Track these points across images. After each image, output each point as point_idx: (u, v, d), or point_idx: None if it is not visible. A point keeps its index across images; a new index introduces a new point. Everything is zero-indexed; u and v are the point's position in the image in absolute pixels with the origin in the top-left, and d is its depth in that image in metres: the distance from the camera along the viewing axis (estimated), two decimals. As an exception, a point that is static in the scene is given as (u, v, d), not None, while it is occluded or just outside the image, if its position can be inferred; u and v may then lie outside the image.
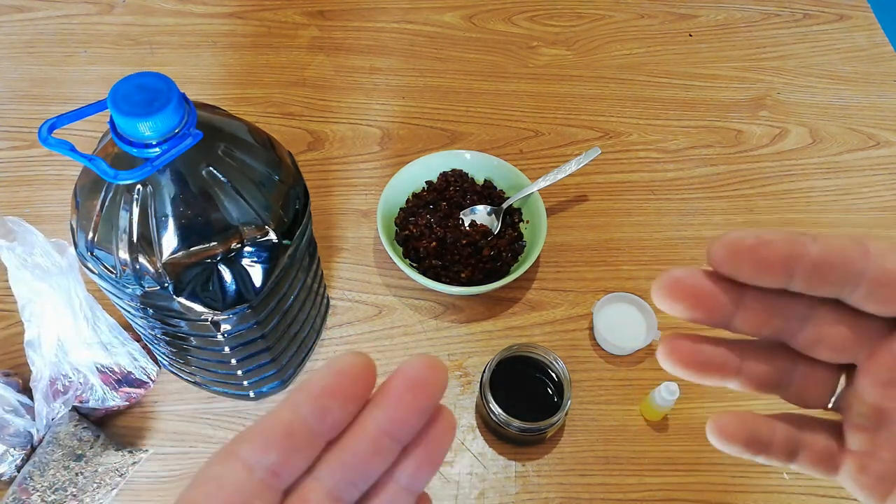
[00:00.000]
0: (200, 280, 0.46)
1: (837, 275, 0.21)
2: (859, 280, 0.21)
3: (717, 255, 0.22)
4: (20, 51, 0.91)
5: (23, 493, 0.56)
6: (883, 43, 0.98)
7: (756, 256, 0.21)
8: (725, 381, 0.24)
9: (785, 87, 0.92)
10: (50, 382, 0.58)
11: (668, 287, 0.23)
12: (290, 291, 0.54)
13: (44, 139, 0.41)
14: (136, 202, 0.43)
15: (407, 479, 0.22)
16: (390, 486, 0.22)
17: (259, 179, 0.47)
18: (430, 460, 0.22)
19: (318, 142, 0.84)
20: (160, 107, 0.39)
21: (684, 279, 0.23)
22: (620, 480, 0.63)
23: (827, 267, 0.21)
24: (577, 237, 0.77)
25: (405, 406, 0.21)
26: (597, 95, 0.90)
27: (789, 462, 0.25)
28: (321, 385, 0.21)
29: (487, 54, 0.94)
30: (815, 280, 0.22)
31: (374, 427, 0.21)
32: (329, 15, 0.97)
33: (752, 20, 1.00)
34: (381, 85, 0.90)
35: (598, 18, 0.99)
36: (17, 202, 0.78)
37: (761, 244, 0.21)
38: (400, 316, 0.71)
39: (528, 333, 0.71)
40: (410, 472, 0.22)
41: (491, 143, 0.85)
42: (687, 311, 0.23)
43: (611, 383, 0.68)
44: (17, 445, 0.58)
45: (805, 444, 0.25)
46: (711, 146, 0.86)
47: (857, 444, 0.24)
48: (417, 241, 0.72)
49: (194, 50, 0.92)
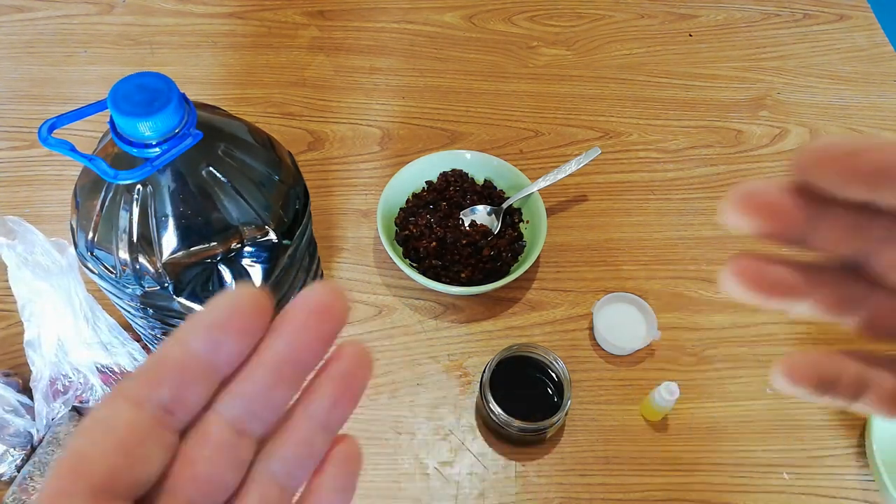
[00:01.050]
0: (200, 280, 0.46)
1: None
2: None
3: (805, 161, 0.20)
4: (20, 51, 0.91)
5: (23, 493, 0.56)
6: (883, 43, 0.98)
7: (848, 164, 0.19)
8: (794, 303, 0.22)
9: (785, 87, 0.92)
10: (50, 382, 0.58)
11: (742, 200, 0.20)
12: (290, 292, 0.54)
13: (44, 139, 0.41)
14: (136, 202, 0.43)
15: (323, 417, 0.21)
16: (304, 422, 0.21)
17: (259, 179, 0.47)
18: (345, 395, 0.21)
19: (318, 142, 0.84)
20: (160, 107, 0.39)
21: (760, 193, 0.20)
22: (620, 480, 0.63)
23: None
24: (577, 237, 0.77)
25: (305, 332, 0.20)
26: (597, 95, 0.90)
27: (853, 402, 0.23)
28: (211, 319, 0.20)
29: (487, 54, 0.94)
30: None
31: (273, 355, 0.20)
32: (329, 15, 0.97)
33: (752, 20, 1.00)
34: (381, 85, 0.90)
35: (598, 18, 0.99)
36: (17, 202, 0.78)
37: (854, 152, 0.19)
38: (400, 316, 0.71)
39: (528, 333, 0.71)
40: (325, 408, 0.21)
41: (491, 143, 0.85)
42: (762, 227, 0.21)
43: (611, 383, 0.68)
44: (17, 445, 0.58)
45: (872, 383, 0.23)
46: (711, 146, 0.86)
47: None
48: (417, 241, 0.72)
49: (194, 50, 0.92)
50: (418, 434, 0.65)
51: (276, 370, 0.20)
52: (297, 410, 0.21)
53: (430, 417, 0.65)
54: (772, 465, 0.64)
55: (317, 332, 0.20)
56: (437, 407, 0.66)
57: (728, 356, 0.69)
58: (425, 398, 0.66)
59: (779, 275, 0.22)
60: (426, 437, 0.64)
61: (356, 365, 0.22)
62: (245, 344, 0.20)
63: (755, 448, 0.65)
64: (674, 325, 0.71)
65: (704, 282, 0.75)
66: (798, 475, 0.63)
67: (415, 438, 0.64)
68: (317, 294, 0.20)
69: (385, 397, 0.66)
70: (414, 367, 0.68)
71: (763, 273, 0.22)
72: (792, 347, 0.70)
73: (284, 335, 0.20)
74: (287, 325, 0.20)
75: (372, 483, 0.62)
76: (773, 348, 0.70)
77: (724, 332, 0.71)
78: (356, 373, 0.22)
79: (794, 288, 0.22)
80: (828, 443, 0.65)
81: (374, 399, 0.66)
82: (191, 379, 0.19)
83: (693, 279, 0.75)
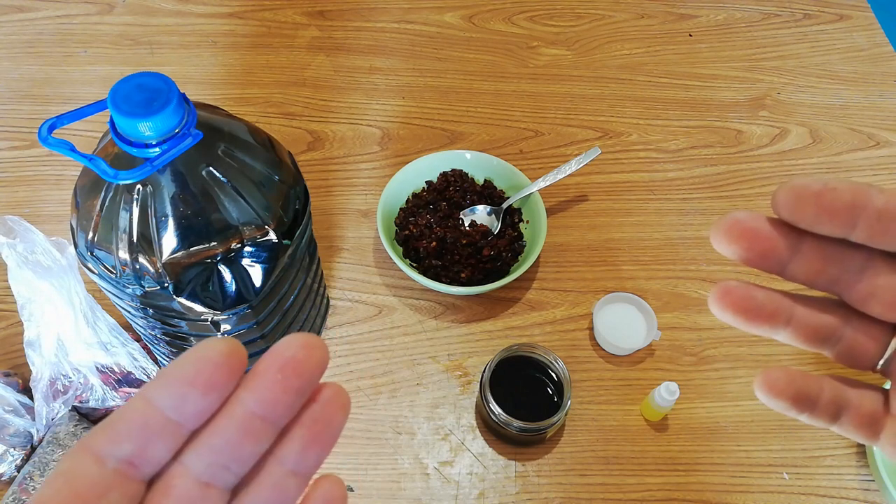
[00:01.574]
0: (200, 280, 0.46)
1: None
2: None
3: (783, 199, 0.22)
4: (20, 51, 0.91)
5: (23, 493, 0.56)
6: (883, 43, 0.98)
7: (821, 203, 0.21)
8: (775, 331, 0.24)
9: (785, 87, 0.92)
10: (50, 382, 0.58)
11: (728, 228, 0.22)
12: (290, 291, 0.54)
13: (44, 139, 0.41)
14: (136, 202, 0.43)
15: (294, 461, 0.21)
16: (273, 468, 0.21)
17: (259, 179, 0.47)
18: (316, 439, 0.21)
19: (318, 142, 0.84)
20: (160, 107, 0.39)
21: (744, 221, 0.22)
22: (620, 480, 0.63)
23: (890, 218, 0.21)
24: (577, 237, 0.77)
25: (275, 386, 0.20)
26: (597, 95, 0.90)
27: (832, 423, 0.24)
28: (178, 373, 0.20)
29: (487, 54, 0.94)
30: (876, 231, 0.21)
31: (242, 409, 0.20)
32: (329, 15, 0.97)
33: (752, 20, 1.00)
34: (381, 85, 0.90)
35: (598, 18, 0.99)
36: (17, 202, 0.78)
37: (827, 191, 0.21)
38: (400, 316, 0.71)
39: (528, 333, 0.71)
40: (296, 452, 0.21)
41: (491, 143, 0.85)
42: (744, 253, 0.22)
43: (611, 383, 0.68)
44: (17, 445, 0.58)
45: (850, 406, 0.24)
46: (711, 146, 0.86)
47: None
48: (417, 241, 0.72)
49: (194, 50, 0.92)
50: (418, 434, 0.65)
51: (245, 425, 0.20)
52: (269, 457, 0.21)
53: (430, 417, 0.65)
54: (771, 465, 0.64)
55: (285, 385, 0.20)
56: (437, 407, 0.66)
57: (728, 356, 0.69)
58: (425, 398, 0.66)
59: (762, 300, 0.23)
60: (426, 437, 0.64)
61: (331, 408, 0.22)
62: (213, 398, 0.20)
63: (755, 448, 0.65)
64: (674, 325, 0.71)
65: (704, 282, 0.75)
66: (798, 475, 0.63)
67: (415, 438, 0.64)
68: (290, 348, 0.21)
69: (385, 397, 0.66)
70: (414, 367, 0.68)
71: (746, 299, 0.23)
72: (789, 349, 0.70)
73: (255, 390, 0.20)
74: (258, 380, 0.20)
75: (372, 483, 0.62)
76: (772, 348, 0.70)
77: (724, 332, 0.71)
78: (330, 417, 0.22)
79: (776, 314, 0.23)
80: (828, 443, 0.65)
81: (374, 399, 0.66)
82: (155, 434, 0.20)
83: (693, 279, 0.75)
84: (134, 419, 0.20)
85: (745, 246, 0.22)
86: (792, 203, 0.22)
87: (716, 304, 0.23)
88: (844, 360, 0.25)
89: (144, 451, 0.20)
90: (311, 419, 0.21)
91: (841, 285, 0.23)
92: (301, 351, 0.21)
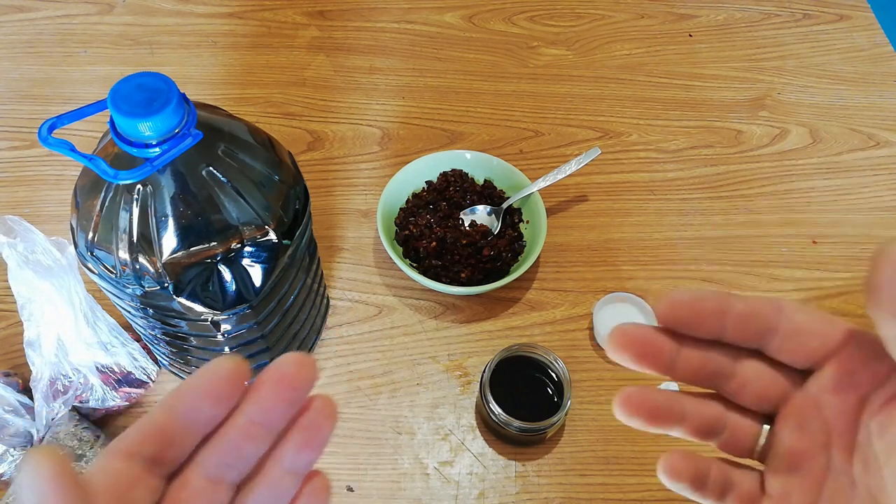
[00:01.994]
0: (200, 280, 0.46)
1: (757, 327, 0.26)
2: (774, 333, 0.26)
3: (662, 308, 0.26)
4: (20, 51, 0.91)
5: (23, 493, 0.56)
6: (883, 43, 0.98)
7: (693, 309, 0.26)
8: (670, 428, 0.27)
9: (785, 87, 0.92)
10: (50, 382, 0.58)
11: (618, 340, 0.26)
12: (290, 291, 0.54)
13: (44, 139, 0.41)
14: (136, 202, 0.43)
15: (290, 461, 0.25)
16: (273, 468, 0.25)
17: (259, 179, 0.47)
18: (308, 442, 0.25)
19: (318, 142, 0.84)
20: (160, 107, 0.39)
21: (631, 332, 0.26)
22: (620, 480, 0.63)
23: (749, 319, 0.26)
24: (577, 237, 0.77)
25: (271, 397, 0.24)
26: (597, 95, 0.90)
27: (719, 502, 0.28)
28: (192, 387, 0.24)
29: (487, 54, 0.94)
30: (739, 331, 0.26)
31: (244, 417, 0.24)
32: (329, 15, 0.97)
33: (752, 20, 1.00)
34: (381, 85, 0.90)
35: (598, 18, 0.99)
36: (17, 202, 0.78)
37: (697, 300, 0.26)
38: (400, 316, 0.71)
39: (528, 333, 0.71)
40: (291, 454, 0.25)
41: (491, 143, 0.85)
42: (635, 360, 0.26)
43: (611, 383, 0.68)
44: (17, 445, 0.58)
45: (734, 486, 0.28)
46: (711, 146, 0.86)
47: (774, 488, 0.27)
48: (417, 241, 0.72)
49: (194, 50, 0.92)
50: (418, 434, 0.65)
51: (245, 429, 0.24)
52: (268, 458, 0.25)
53: (430, 417, 0.65)
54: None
55: (280, 396, 0.24)
56: (437, 407, 0.66)
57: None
58: (425, 398, 0.66)
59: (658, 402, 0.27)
60: (426, 437, 0.64)
61: (321, 416, 0.26)
62: (221, 408, 0.24)
63: (755, 448, 0.65)
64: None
65: (704, 282, 0.75)
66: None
67: (415, 438, 0.64)
68: (285, 366, 0.25)
69: (385, 397, 0.66)
70: (414, 367, 0.68)
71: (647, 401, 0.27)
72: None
73: (255, 401, 0.24)
74: (256, 393, 0.25)
75: (372, 483, 0.62)
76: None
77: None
78: (321, 423, 0.25)
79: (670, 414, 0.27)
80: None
81: (374, 399, 0.66)
82: (174, 439, 0.24)
83: (693, 279, 0.75)
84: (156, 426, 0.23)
85: (636, 353, 0.26)
86: (670, 311, 0.26)
87: (619, 409, 0.27)
88: (727, 448, 0.28)
89: (166, 451, 0.23)
90: (303, 426, 0.25)
91: (719, 379, 0.27)
92: (294, 368, 0.25)
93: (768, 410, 0.28)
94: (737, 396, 0.28)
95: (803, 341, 0.26)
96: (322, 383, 0.67)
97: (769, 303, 0.26)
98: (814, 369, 0.26)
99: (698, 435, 0.28)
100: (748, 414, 0.28)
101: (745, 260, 0.77)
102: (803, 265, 0.77)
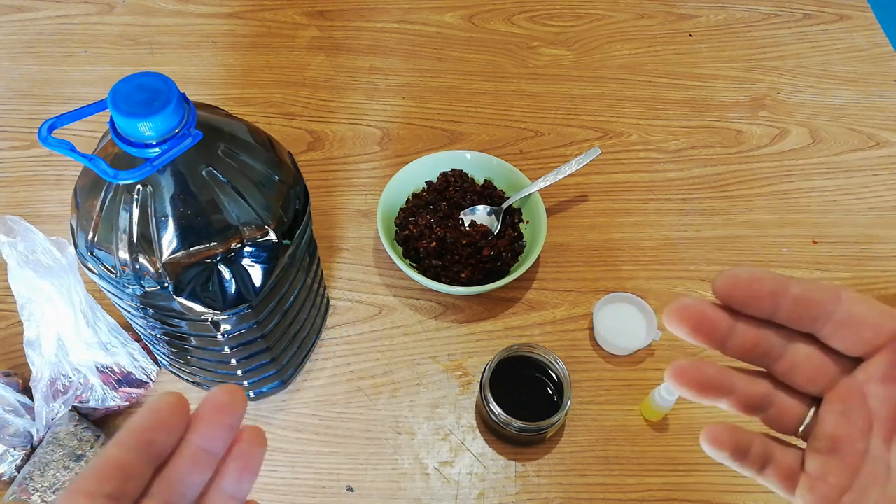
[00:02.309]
0: (200, 280, 0.46)
1: (811, 312, 0.26)
2: (828, 319, 0.26)
3: (719, 285, 0.27)
4: (20, 51, 0.91)
5: (23, 493, 0.56)
6: (883, 43, 0.98)
7: (749, 289, 0.27)
8: (719, 401, 0.28)
9: (785, 87, 0.92)
10: (50, 382, 0.58)
11: (677, 312, 0.27)
12: (290, 291, 0.54)
13: (44, 139, 0.41)
14: (136, 202, 0.43)
15: (232, 488, 0.27)
16: (218, 495, 0.27)
17: (259, 179, 0.47)
18: (247, 469, 0.27)
19: (318, 142, 0.84)
20: (160, 107, 0.39)
21: (690, 306, 0.27)
22: (620, 480, 0.63)
23: (804, 304, 0.26)
24: (577, 237, 0.77)
25: (211, 425, 0.26)
26: (597, 95, 0.90)
27: (759, 473, 0.29)
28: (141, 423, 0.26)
29: (487, 54, 0.94)
30: (793, 314, 0.27)
31: (189, 447, 0.26)
32: (329, 15, 0.97)
33: (752, 20, 1.00)
34: (381, 85, 0.90)
35: (598, 18, 0.99)
36: (17, 202, 0.78)
37: (754, 279, 0.27)
38: (400, 316, 0.71)
39: (528, 333, 0.71)
40: (233, 480, 0.27)
41: (491, 143, 0.85)
42: (691, 334, 0.27)
43: (611, 383, 0.68)
44: (17, 445, 0.58)
45: (774, 460, 0.29)
46: (711, 146, 0.86)
47: (813, 467, 0.28)
48: (417, 241, 0.72)
49: (194, 50, 0.92)
50: (418, 434, 0.65)
51: (192, 457, 0.26)
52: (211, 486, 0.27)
53: (430, 417, 0.65)
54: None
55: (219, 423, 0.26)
56: (437, 407, 0.66)
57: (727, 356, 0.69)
58: (425, 398, 0.66)
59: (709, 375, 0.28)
60: (426, 437, 0.64)
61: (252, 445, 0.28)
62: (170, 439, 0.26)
63: (755, 448, 0.65)
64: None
65: (704, 282, 0.75)
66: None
67: (415, 438, 0.64)
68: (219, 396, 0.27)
69: (385, 397, 0.66)
70: (414, 367, 0.68)
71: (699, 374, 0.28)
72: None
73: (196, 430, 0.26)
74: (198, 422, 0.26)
75: (372, 483, 0.62)
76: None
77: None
78: (253, 452, 0.27)
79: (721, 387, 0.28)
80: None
81: (374, 399, 0.66)
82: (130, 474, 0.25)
83: (693, 279, 0.75)
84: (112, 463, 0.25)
85: (692, 327, 0.27)
86: (728, 288, 0.27)
87: (672, 381, 0.28)
88: (772, 425, 0.29)
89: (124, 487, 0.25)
90: (239, 454, 0.27)
91: (769, 359, 0.28)
92: (227, 397, 0.27)
93: (815, 393, 0.28)
94: (785, 377, 0.28)
95: (857, 330, 0.26)
96: (322, 383, 0.67)
97: (828, 290, 0.26)
98: (864, 358, 0.27)
99: (744, 409, 0.28)
100: (795, 394, 0.29)
101: (744, 260, 0.77)
102: (803, 265, 0.77)
